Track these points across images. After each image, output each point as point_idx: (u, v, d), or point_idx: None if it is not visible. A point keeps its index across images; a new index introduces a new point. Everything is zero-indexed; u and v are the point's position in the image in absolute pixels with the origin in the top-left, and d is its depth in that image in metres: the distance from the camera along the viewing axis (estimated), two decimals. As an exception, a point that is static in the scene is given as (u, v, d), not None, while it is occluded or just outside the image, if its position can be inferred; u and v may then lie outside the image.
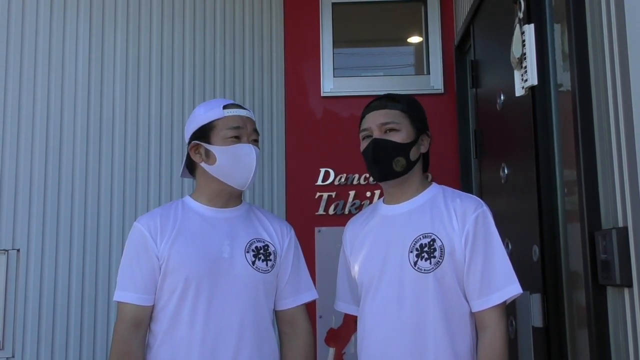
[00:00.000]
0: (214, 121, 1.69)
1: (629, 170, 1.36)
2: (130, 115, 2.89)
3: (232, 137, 1.67)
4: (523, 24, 1.84)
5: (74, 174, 2.82)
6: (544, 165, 1.82)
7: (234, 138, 1.68)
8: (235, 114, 1.70)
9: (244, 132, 1.69)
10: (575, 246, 1.68)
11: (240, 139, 1.68)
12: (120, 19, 2.95)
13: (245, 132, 1.70)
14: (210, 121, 1.70)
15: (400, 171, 1.63)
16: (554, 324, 1.76)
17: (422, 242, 1.58)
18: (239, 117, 1.70)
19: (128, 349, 1.62)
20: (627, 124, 1.36)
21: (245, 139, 1.69)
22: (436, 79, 2.93)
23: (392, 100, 1.68)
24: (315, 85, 2.95)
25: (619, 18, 1.40)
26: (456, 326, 1.55)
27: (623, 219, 1.39)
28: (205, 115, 1.72)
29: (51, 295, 2.72)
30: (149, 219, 1.70)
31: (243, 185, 1.69)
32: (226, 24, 2.99)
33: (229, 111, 1.70)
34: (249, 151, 1.67)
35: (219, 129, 1.69)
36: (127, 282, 1.65)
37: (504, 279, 1.54)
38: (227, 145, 1.67)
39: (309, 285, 1.81)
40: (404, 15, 3.11)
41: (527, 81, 1.81)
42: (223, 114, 1.70)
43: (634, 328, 1.34)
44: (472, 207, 1.59)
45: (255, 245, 1.70)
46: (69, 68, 2.89)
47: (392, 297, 1.58)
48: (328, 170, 2.88)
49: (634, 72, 1.34)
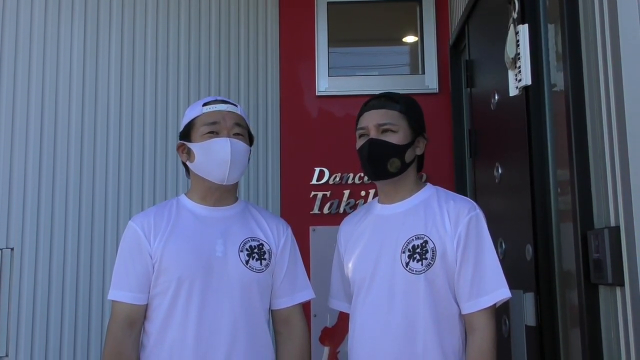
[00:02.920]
0: (194, 119, 1.71)
1: (621, 170, 1.37)
2: (125, 113, 2.88)
3: (208, 133, 1.67)
4: (517, 24, 1.85)
5: (68, 172, 2.81)
6: (538, 165, 1.83)
7: (211, 133, 1.67)
8: (213, 110, 1.70)
9: (221, 126, 1.68)
10: (568, 245, 1.69)
11: (218, 134, 1.67)
12: (115, 17, 2.94)
13: (224, 126, 1.68)
14: (190, 120, 1.72)
15: (394, 172, 1.63)
16: (547, 322, 1.76)
17: (415, 243, 1.58)
18: (217, 112, 1.70)
19: (121, 348, 1.62)
20: (620, 124, 1.37)
21: (225, 133, 1.67)
22: (431, 79, 2.93)
23: (391, 100, 1.67)
24: (310, 85, 2.95)
25: (612, 19, 1.41)
26: (446, 328, 1.56)
27: (615, 218, 1.40)
28: (188, 115, 1.75)
29: (45, 294, 2.72)
30: (143, 218, 1.70)
31: (222, 179, 1.67)
32: (221, 23, 2.99)
33: (208, 107, 1.71)
34: (223, 144, 1.65)
35: (197, 126, 1.69)
36: (121, 281, 1.65)
37: (494, 283, 1.55)
38: (203, 141, 1.67)
39: (306, 285, 1.80)
40: (399, 15, 3.12)
41: (521, 81, 1.81)
42: (201, 111, 1.71)
43: (625, 327, 1.35)
44: (465, 209, 1.60)
45: (249, 244, 1.70)
46: (63, 66, 2.88)
47: (383, 297, 1.59)
48: (323, 169, 2.88)
49: (626, 73, 1.35)
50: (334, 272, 1.81)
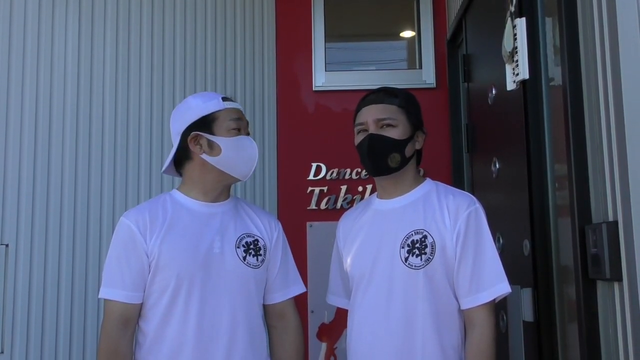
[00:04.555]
0: (215, 112, 1.69)
1: (619, 165, 1.36)
2: (121, 109, 2.87)
3: (234, 129, 1.69)
4: (514, 17, 1.84)
5: (63, 167, 2.80)
6: (535, 159, 1.82)
7: (236, 130, 1.69)
8: (234, 107, 1.73)
9: (242, 124, 1.72)
10: (566, 240, 1.68)
11: (240, 132, 1.71)
12: (110, 11, 2.92)
13: (244, 125, 1.73)
14: (210, 112, 1.69)
15: (395, 167, 1.62)
16: (545, 318, 1.76)
17: (414, 238, 1.57)
18: (238, 110, 1.74)
19: (116, 347, 1.60)
20: (618, 119, 1.36)
21: (244, 131, 1.72)
22: (428, 73, 2.92)
23: (390, 94, 1.66)
24: (307, 80, 2.94)
25: (610, 12, 1.40)
26: (445, 323, 1.55)
27: (613, 213, 1.39)
28: (204, 105, 1.70)
29: (40, 290, 2.71)
30: (137, 215, 1.66)
31: (246, 175, 1.72)
32: (217, 17, 2.97)
33: (229, 103, 1.72)
34: (251, 143, 1.71)
35: (221, 120, 1.68)
36: (115, 279, 1.63)
37: (494, 278, 1.54)
38: (231, 136, 1.68)
39: (297, 279, 1.81)
40: (396, 10, 3.10)
41: (519, 75, 1.80)
42: (223, 105, 1.71)
43: (623, 322, 1.35)
44: (464, 204, 1.59)
45: (245, 240, 1.70)
46: (57, 61, 2.86)
47: (382, 293, 1.58)
48: (320, 164, 2.87)
49: (624, 66, 1.34)
50: (332, 268, 1.80)
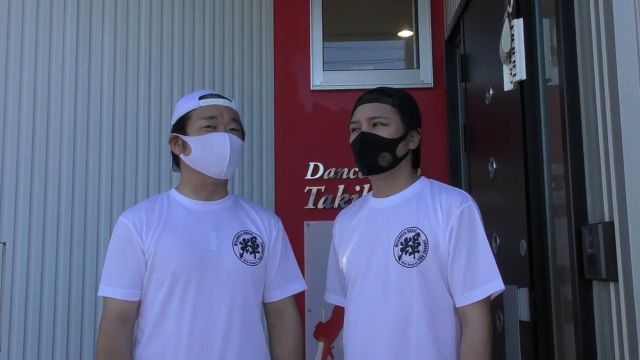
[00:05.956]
0: (190, 112, 1.70)
1: (616, 166, 1.36)
2: (119, 107, 2.87)
3: (206, 127, 1.67)
4: (512, 18, 1.84)
5: (60, 165, 2.80)
6: (532, 160, 1.82)
7: (208, 128, 1.67)
8: (210, 104, 1.70)
9: (219, 121, 1.68)
10: (562, 241, 1.68)
11: (215, 129, 1.67)
12: (108, 10, 2.92)
13: (222, 121, 1.68)
14: (186, 112, 1.70)
15: (385, 166, 1.62)
16: (541, 317, 1.76)
17: (407, 236, 1.58)
18: (214, 106, 1.70)
19: (114, 345, 1.61)
20: (614, 119, 1.37)
21: (222, 128, 1.68)
22: (426, 73, 2.93)
23: (385, 94, 1.67)
24: (305, 79, 2.94)
25: (607, 13, 1.40)
26: (440, 321, 1.55)
27: (609, 213, 1.39)
28: (182, 107, 1.73)
29: (38, 288, 2.70)
30: (134, 213, 1.69)
31: (220, 174, 1.68)
32: (215, 16, 2.97)
33: (205, 101, 1.70)
34: (222, 139, 1.66)
35: (194, 120, 1.68)
36: (113, 277, 1.64)
37: (487, 275, 1.54)
38: (201, 134, 1.66)
39: (298, 277, 1.81)
40: (394, 9, 3.10)
41: (516, 76, 1.81)
42: (199, 104, 1.70)
43: (619, 322, 1.35)
44: (457, 201, 1.59)
45: (242, 237, 1.70)
46: (55, 57, 2.86)
47: (376, 291, 1.58)
48: (317, 164, 2.88)
49: (621, 67, 1.34)
50: (330, 266, 1.81)
